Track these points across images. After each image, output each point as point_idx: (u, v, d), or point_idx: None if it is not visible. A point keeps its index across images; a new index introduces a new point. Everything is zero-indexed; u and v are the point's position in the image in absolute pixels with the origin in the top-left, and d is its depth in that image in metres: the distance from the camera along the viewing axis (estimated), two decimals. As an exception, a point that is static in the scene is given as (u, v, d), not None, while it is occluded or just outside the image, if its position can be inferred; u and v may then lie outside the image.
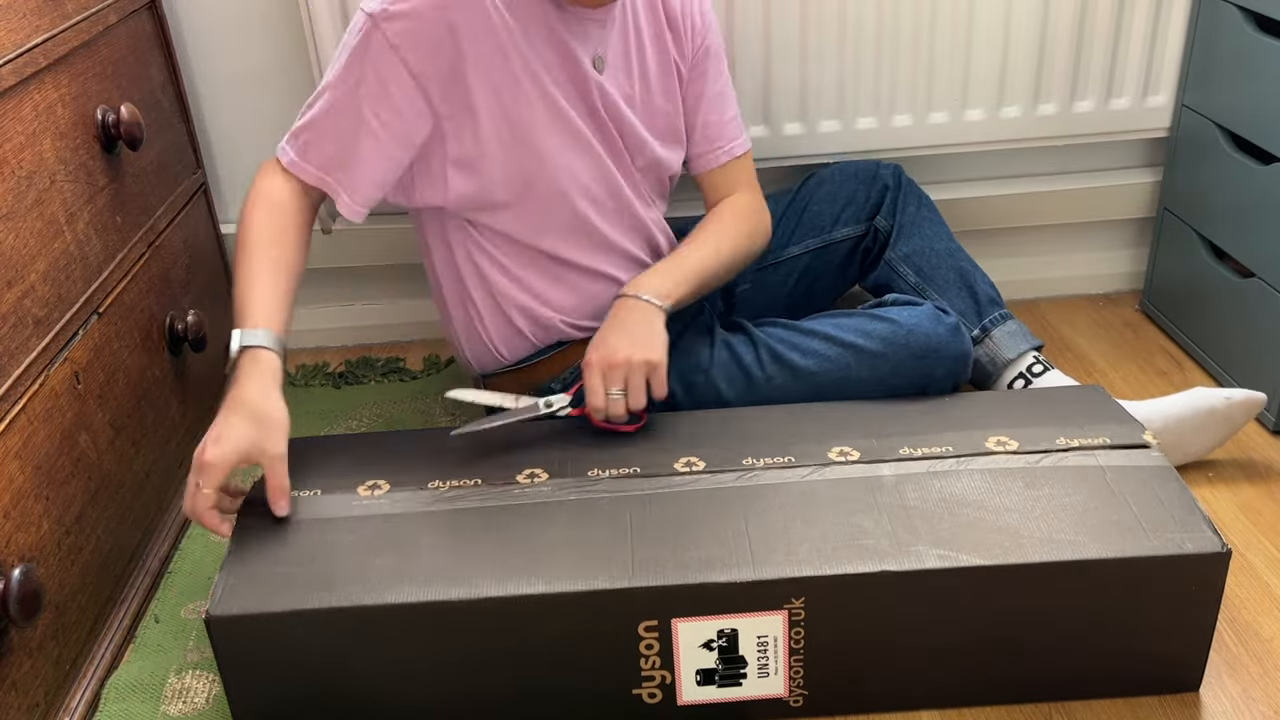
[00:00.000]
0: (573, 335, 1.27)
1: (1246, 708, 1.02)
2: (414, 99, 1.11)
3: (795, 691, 1.01)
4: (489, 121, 1.14)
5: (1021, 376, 1.32)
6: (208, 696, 1.09)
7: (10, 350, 1.01)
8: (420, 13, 1.08)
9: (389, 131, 1.12)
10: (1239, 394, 1.28)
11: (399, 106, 1.11)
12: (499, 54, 1.12)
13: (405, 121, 1.12)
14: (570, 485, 1.07)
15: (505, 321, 1.26)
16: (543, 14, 1.14)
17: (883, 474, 1.07)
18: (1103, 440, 1.10)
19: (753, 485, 1.06)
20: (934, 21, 1.52)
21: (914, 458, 1.09)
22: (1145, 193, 1.67)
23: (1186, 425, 1.28)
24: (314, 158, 1.14)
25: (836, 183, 1.45)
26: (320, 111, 1.13)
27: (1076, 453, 1.09)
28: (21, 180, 1.06)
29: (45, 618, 1.03)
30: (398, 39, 1.08)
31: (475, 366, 1.33)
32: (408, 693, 0.99)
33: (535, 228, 1.21)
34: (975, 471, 1.07)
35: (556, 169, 1.18)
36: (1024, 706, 1.03)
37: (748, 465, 1.09)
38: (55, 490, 1.06)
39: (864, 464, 1.08)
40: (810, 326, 1.27)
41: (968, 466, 1.07)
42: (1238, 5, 1.40)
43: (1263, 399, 1.28)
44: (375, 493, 1.08)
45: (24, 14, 1.09)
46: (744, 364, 1.25)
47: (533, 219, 1.20)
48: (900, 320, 1.24)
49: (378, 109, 1.11)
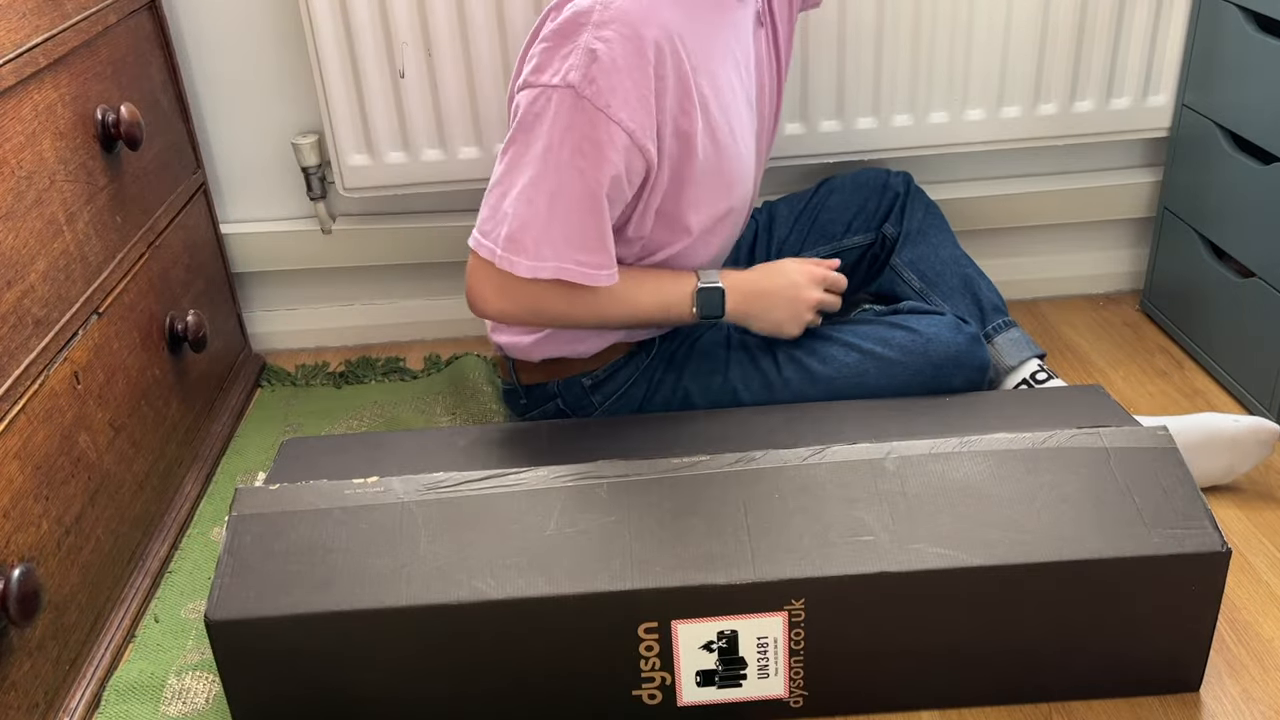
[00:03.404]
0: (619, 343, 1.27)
1: (1246, 708, 1.02)
2: (631, 156, 1.07)
3: (795, 692, 1.01)
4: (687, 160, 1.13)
5: (1025, 383, 1.32)
6: (207, 697, 1.09)
7: (10, 350, 1.01)
8: (622, 65, 1.03)
9: (612, 197, 1.08)
10: (1249, 420, 1.25)
11: (619, 169, 1.07)
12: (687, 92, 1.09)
13: (624, 183, 1.09)
14: (568, 473, 1.06)
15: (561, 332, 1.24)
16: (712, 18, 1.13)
17: (884, 457, 1.05)
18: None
19: (752, 470, 1.05)
20: (934, 21, 1.51)
21: (916, 438, 1.09)
22: (1145, 192, 1.67)
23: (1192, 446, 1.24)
24: (547, 253, 1.08)
25: (848, 191, 1.46)
26: (538, 204, 1.07)
27: (1081, 433, 1.07)
28: (21, 180, 1.06)
29: (45, 618, 1.03)
30: (605, 100, 1.03)
31: (506, 353, 1.31)
32: (407, 693, 0.99)
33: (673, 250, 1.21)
34: (978, 454, 1.05)
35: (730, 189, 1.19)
36: (1024, 706, 1.03)
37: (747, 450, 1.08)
38: (55, 490, 1.06)
39: (864, 444, 1.07)
40: (829, 333, 1.27)
41: (970, 449, 1.06)
42: (1238, 5, 1.40)
43: (1276, 429, 1.24)
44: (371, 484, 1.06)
45: (24, 14, 1.09)
46: (761, 367, 1.25)
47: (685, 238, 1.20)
48: (920, 329, 1.24)
49: (599, 178, 1.06)
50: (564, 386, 1.27)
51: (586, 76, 1.03)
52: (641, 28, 1.04)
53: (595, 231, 1.09)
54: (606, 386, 1.26)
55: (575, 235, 1.08)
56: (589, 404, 1.27)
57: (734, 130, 1.17)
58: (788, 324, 1.23)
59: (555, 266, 1.08)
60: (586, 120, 1.04)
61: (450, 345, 1.71)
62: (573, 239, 1.08)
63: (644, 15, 1.05)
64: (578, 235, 1.08)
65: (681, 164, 1.13)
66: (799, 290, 1.22)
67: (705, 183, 1.16)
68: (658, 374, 1.26)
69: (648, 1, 1.05)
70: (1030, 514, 1.00)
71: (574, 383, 1.26)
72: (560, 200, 1.06)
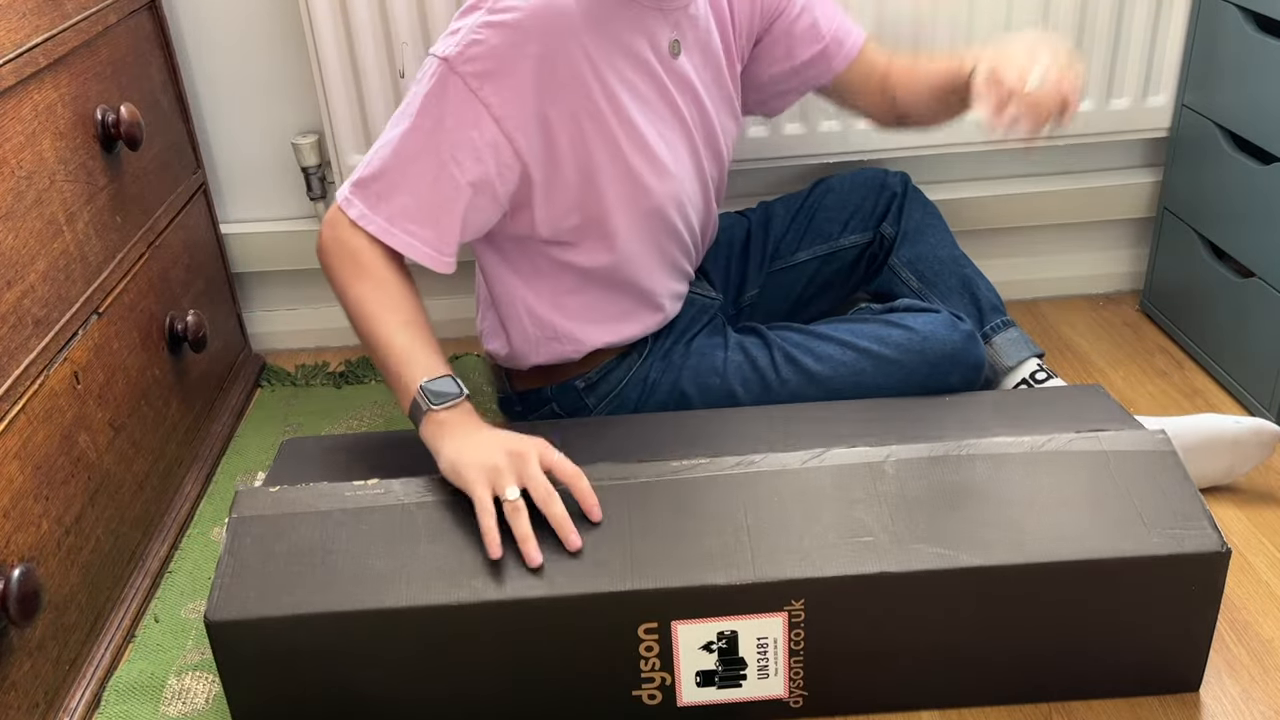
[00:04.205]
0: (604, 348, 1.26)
1: (1246, 708, 1.02)
2: (500, 147, 1.05)
3: (795, 692, 1.01)
4: (576, 159, 1.10)
5: (1024, 383, 1.32)
6: (207, 697, 1.09)
7: (10, 350, 1.01)
8: (502, 51, 1.03)
9: (470, 180, 1.06)
10: (1250, 421, 1.25)
11: (482, 155, 1.05)
12: (582, 88, 1.07)
13: (490, 171, 1.06)
14: None
15: (543, 339, 1.23)
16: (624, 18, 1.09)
17: (883, 460, 1.05)
18: (1106, 428, 1.09)
19: (751, 473, 1.05)
20: (934, 21, 1.51)
21: (915, 441, 1.09)
22: (1145, 193, 1.67)
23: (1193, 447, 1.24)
24: (383, 210, 1.06)
25: (845, 191, 1.45)
26: (390, 160, 1.06)
27: (1080, 437, 1.07)
28: (21, 180, 1.06)
29: (45, 618, 1.03)
30: (477, 83, 1.03)
31: (499, 362, 1.30)
32: (407, 694, 0.99)
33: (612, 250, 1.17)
34: (977, 457, 1.06)
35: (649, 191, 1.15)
36: (1024, 706, 1.03)
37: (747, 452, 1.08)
38: (55, 490, 1.06)
39: (864, 448, 1.07)
40: (825, 331, 1.27)
41: (969, 451, 1.06)
42: (1238, 5, 1.40)
43: (1277, 430, 1.24)
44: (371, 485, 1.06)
45: (24, 14, 1.09)
46: (759, 367, 1.25)
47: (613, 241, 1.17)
48: (916, 327, 1.24)
49: (459, 157, 1.04)
50: (558, 391, 1.26)
51: (464, 55, 1.03)
52: (532, 20, 1.03)
53: (440, 209, 1.06)
54: (600, 388, 1.26)
55: (414, 205, 1.06)
56: (584, 408, 1.27)
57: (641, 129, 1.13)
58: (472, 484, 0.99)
59: (383, 227, 1.06)
60: (458, 98, 1.04)
61: (450, 345, 1.71)
62: (410, 209, 1.06)
63: (539, 8, 1.04)
64: (418, 205, 1.06)
65: (576, 161, 1.10)
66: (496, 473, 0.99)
67: (610, 184, 1.13)
68: (653, 375, 1.26)
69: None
70: (1029, 515, 1.00)
71: (568, 387, 1.26)
72: (414, 166, 1.05)
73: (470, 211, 1.08)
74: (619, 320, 1.24)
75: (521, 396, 1.30)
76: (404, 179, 1.06)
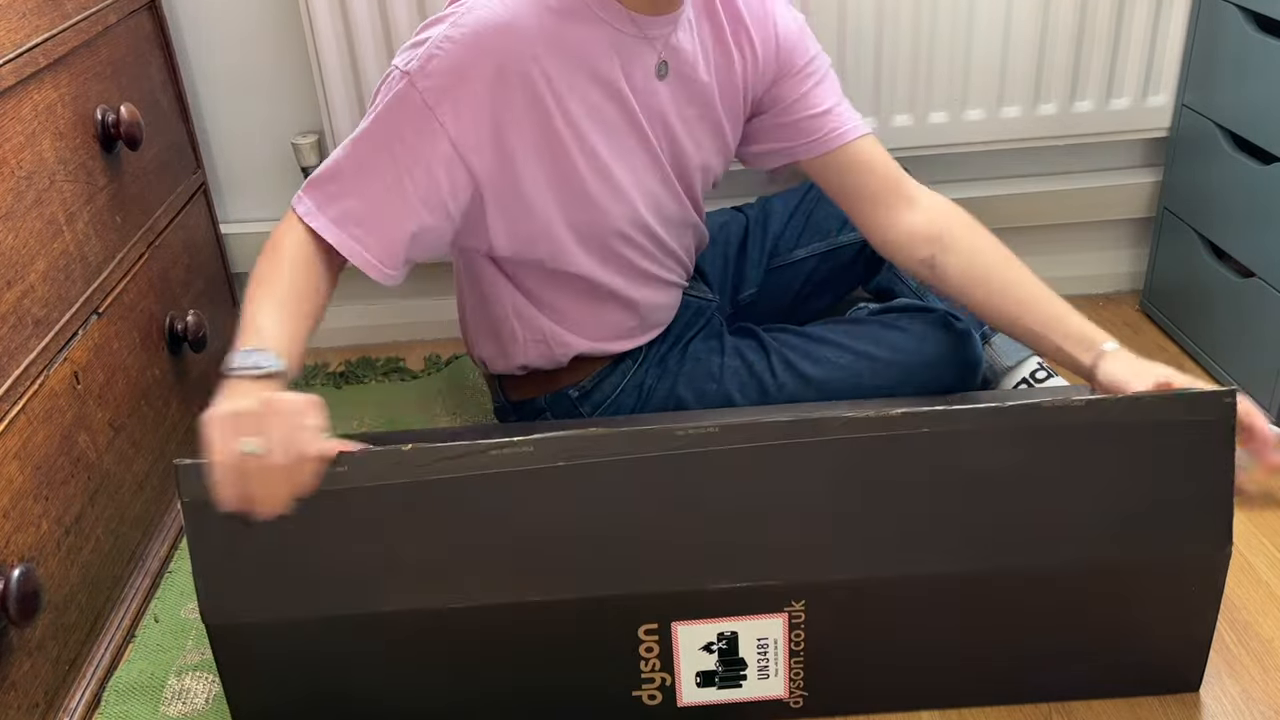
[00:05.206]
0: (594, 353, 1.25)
1: (1246, 708, 1.02)
2: (453, 166, 1.04)
3: (795, 693, 1.01)
4: (531, 181, 1.08)
5: (1025, 382, 1.32)
6: (207, 697, 1.09)
7: (10, 350, 1.01)
8: (460, 70, 1.01)
9: (422, 196, 1.03)
10: None
11: (435, 173, 1.03)
12: (539, 111, 1.05)
13: (442, 189, 1.04)
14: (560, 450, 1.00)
15: (530, 341, 1.22)
16: (593, 41, 1.06)
17: (884, 445, 1.01)
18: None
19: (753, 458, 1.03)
20: (934, 21, 1.51)
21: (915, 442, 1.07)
22: (1145, 192, 1.67)
23: None
24: (331, 211, 1.03)
25: None
26: (346, 164, 1.04)
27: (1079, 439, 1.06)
28: (21, 180, 1.06)
29: (45, 618, 1.03)
30: (435, 99, 1.01)
31: (490, 368, 1.30)
32: (407, 694, 0.99)
33: (579, 266, 1.16)
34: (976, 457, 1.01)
35: (606, 213, 1.12)
36: (1024, 706, 1.03)
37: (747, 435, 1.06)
38: (55, 490, 1.06)
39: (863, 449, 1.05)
40: (822, 334, 1.26)
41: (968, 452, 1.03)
42: (1238, 5, 1.40)
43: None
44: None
45: (24, 14, 1.09)
46: (755, 371, 1.24)
47: (577, 260, 1.15)
48: (912, 328, 1.24)
49: (412, 171, 1.02)
50: (552, 400, 1.26)
51: (423, 70, 1.01)
52: (491, 39, 1.01)
53: (389, 220, 1.03)
54: (594, 396, 1.25)
55: (364, 210, 1.03)
56: (578, 417, 1.26)
57: (600, 152, 1.10)
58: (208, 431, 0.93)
59: (326, 224, 1.02)
60: (414, 111, 1.02)
61: (450, 345, 1.71)
62: (358, 213, 1.03)
63: (500, 27, 1.01)
64: (367, 211, 1.03)
65: (531, 182, 1.08)
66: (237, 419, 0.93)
67: (564, 206, 1.10)
68: (649, 381, 1.26)
69: (509, 16, 1.02)
70: (1030, 507, 0.99)
71: (561, 396, 1.25)
72: (369, 173, 1.03)
73: (421, 231, 1.05)
74: (607, 326, 1.23)
75: (516, 406, 1.29)
76: (356, 185, 1.03)
